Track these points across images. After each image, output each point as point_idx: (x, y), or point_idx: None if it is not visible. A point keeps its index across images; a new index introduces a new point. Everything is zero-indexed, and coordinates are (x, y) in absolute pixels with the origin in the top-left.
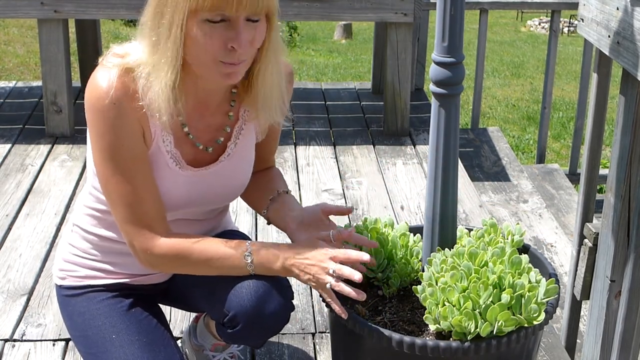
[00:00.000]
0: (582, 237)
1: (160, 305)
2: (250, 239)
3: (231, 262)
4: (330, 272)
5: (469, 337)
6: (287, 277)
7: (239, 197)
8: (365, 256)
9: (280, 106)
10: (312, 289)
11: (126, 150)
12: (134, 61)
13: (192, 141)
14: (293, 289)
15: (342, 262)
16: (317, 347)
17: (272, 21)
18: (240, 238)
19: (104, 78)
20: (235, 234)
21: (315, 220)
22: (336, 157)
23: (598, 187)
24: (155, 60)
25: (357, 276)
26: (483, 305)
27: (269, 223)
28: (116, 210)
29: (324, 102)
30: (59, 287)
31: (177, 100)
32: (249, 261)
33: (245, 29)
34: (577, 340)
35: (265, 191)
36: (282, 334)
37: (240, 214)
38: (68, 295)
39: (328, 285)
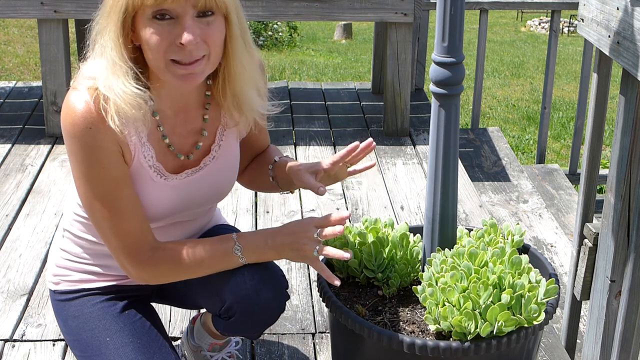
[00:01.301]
0: (582, 237)
1: (160, 305)
2: (237, 231)
3: (223, 260)
4: (315, 236)
5: (469, 337)
6: (281, 269)
7: (244, 186)
8: (344, 213)
9: (258, 102)
10: (312, 289)
11: (106, 173)
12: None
13: (173, 152)
14: (293, 290)
15: (324, 227)
16: (317, 347)
17: (229, 18)
18: (231, 231)
19: (76, 102)
20: (224, 228)
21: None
22: None
23: (598, 187)
24: (107, 70)
25: (338, 229)
26: (483, 306)
27: (283, 191)
28: (102, 232)
29: (324, 102)
30: (53, 292)
31: (143, 105)
32: (239, 254)
33: (194, 24)
34: (577, 340)
35: (263, 167)
36: (282, 334)
37: (240, 214)
38: (62, 300)
39: (315, 252)
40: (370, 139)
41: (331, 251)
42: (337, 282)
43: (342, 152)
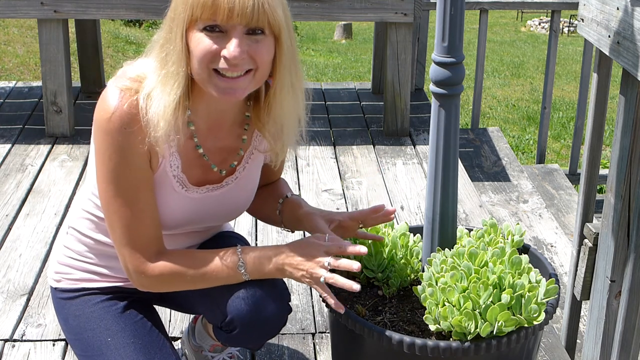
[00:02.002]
0: (582, 237)
1: (160, 306)
2: (244, 241)
3: (225, 274)
4: (326, 264)
5: (469, 337)
6: (284, 279)
7: (247, 212)
8: (362, 249)
9: (296, 133)
10: (312, 289)
11: (131, 174)
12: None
13: (207, 163)
14: (292, 290)
15: (336, 255)
16: (317, 347)
17: (280, 40)
18: (235, 240)
19: (116, 100)
20: (230, 237)
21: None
22: (336, 157)
23: (598, 187)
24: (162, 75)
25: (355, 266)
26: (483, 306)
27: (285, 227)
28: (114, 232)
29: (324, 102)
30: (54, 290)
31: (180, 116)
32: (243, 270)
33: (242, 40)
34: (577, 340)
35: (272, 199)
36: (282, 334)
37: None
38: (63, 298)
39: (322, 279)
40: (394, 208)
41: (340, 281)
42: (342, 310)
43: (365, 210)
